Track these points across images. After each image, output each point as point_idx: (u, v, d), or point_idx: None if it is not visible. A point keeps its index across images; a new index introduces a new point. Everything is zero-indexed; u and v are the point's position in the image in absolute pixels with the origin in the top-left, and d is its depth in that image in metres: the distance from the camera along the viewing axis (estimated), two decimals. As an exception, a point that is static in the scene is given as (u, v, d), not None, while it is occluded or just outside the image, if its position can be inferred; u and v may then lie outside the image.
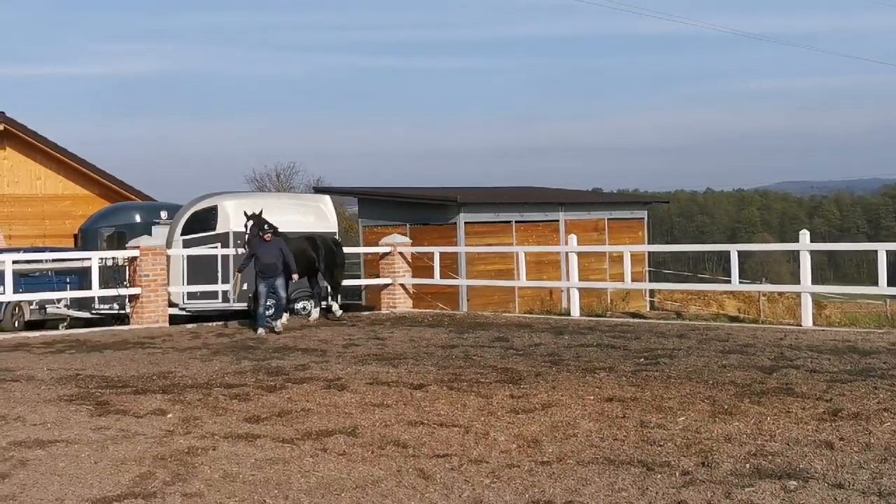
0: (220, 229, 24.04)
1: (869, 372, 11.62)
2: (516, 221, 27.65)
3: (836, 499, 6.59)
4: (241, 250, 22.22)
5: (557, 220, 28.53)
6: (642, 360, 13.17)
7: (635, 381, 11.39)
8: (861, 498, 6.59)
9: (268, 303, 18.92)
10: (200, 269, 23.33)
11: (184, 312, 22.95)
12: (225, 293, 23.50)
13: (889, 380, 11.01)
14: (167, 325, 20.01)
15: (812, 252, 18.32)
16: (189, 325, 19.86)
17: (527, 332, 16.89)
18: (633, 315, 23.05)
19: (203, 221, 24.17)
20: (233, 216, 24.06)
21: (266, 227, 18.25)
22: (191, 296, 23.34)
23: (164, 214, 26.12)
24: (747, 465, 7.51)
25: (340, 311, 20.99)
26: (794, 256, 18.78)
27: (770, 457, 7.74)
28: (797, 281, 18.39)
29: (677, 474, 7.33)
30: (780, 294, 28.70)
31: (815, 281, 18.48)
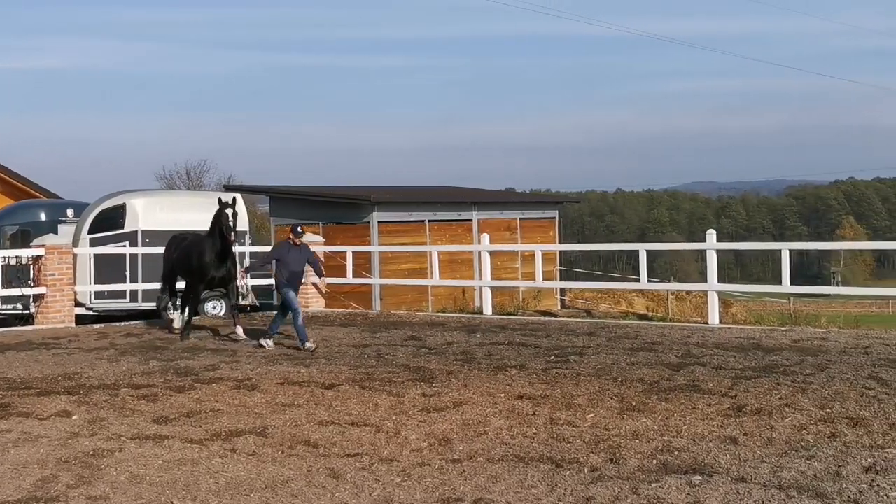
0: (128, 228, 23.70)
1: (772, 369, 11.89)
2: (430, 221, 27.70)
3: (738, 492, 6.73)
4: (147, 250, 21.90)
5: (471, 220, 28.66)
6: (553, 357, 13.29)
7: (546, 379, 11.49)
8: (762, 491, 6.74)
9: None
10: (108, 269, 22.96)
11: (91, 312, 22.57)
12: (133, 293, 23.14)
13: (791, 376, 11.28)
14: (73, 325, 19.61)
15: (719, 251, 18.68)
16: (96, 325, 19.50)
17: (439, 331, 16.93)
18: (545, 313, 23.24)
19: (111, 220, 23.82)
20: (141, 214, 23.73)
21: (299, 229, 15.60)
22: (98, 295, 22.97)
23: (70, 213, 25.64)
24: (654, 461, 7.63)
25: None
26: (702, 256, 19.13)
27: (676, 452, 7.88)
28: (705, 280, 18.73)
29: (586, 471, 7.42)
30: (688, 293, 29.23)
31: (721, 280, 18.83)
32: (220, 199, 16.59)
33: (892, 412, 9.20)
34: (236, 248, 23.61)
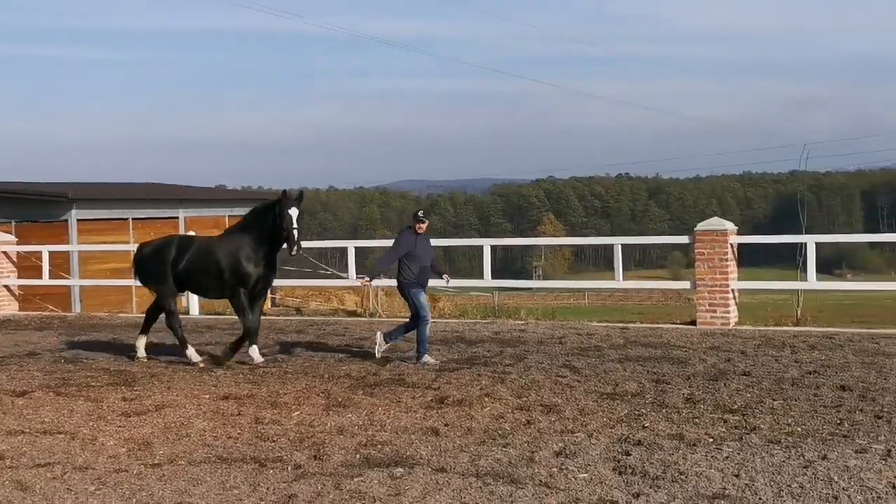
0: None
1: (474, 360, 12.29)
2: (133, 219, 26.80)
3: (437, 482, 6.89)
4: None
5: (177, 217, 27.96)
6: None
7: (252, 378, 11.36)
8: (460, 479, 6.94)
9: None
10: None
11: None
12: None
13: (491, 367, 11.70)
14: None
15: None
16: None
17: (143, 333, 16.34)
18: (255, 312, 22.97)
19: None
20: None
21: (420, 213, 12.94)
22: None
23: None
24: (357, 456, 7.68)
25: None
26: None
27: (379, 446, 7.97)
28: (412, 275, 19.08)
29: (289, 468, 7.37)
30: (397, 288, 29.75)
31: (428, 275, 19.25)
32: (284, 192, 12.80)
33: (581, 398, 9.73)
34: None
